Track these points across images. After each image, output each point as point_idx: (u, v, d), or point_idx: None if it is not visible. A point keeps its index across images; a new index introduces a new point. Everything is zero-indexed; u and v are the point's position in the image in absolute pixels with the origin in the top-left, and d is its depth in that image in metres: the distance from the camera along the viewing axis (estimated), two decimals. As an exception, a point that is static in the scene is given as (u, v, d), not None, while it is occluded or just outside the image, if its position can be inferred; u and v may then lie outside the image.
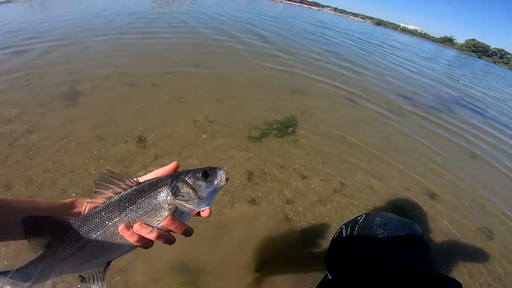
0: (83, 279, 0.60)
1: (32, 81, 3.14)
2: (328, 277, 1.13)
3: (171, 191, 0.59)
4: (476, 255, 2.02)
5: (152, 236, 0.57)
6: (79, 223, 0.57)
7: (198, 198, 0.60)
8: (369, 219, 1.01)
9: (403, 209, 2.26)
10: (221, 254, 1.63)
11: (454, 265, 1.88)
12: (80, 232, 0.57)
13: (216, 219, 1.82)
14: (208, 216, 0.62)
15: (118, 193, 0.60)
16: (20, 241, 0.56)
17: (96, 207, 0.59)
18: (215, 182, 0.63)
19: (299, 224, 1.89)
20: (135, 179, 0.62)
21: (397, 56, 12.16)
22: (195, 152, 2.32)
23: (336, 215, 2.01)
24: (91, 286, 0.60)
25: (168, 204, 0.59)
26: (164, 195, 0.59)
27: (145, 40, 5.46)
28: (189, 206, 0.60)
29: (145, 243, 0.58)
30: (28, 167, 1.91)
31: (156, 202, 0.59)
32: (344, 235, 1.05)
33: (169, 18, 8.56)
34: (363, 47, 11.70)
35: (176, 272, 1.49)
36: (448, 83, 8.60)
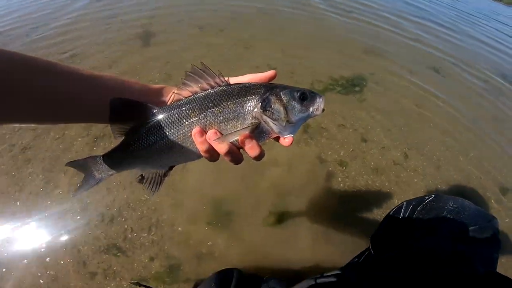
0: (141, 179, 0.59)
1: (112, 23, 3.39)
2: (371, 252, 1.06)
3: (261, 103, 0.52)
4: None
5: (222, 149, 0.51)
6: (159, 115, 0.54)
7: (287, 121, 0.52)
8: (439, 202, 0.86)
9: (467, 198, 2.00)
10: (254, 195, 1.67)
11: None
12: (156, 125, 0.54)
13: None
14: (288, 146, 0.55)
15: (205, 90, 0.54)
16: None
17: (180, 100, 0.55)
18: (311, 109, 0.54)
19: (346, 188, 1.80)
20: (226, 79, 0.55)
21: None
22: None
23: (390, 189, 1.86)
24: (146, 187, 0.59)
25: (253, 117, 0.52)
26: (252, 105, 0.52)
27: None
28: (273, 126, 0.52)
29: (212, 155, 0.53)
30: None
31: (241, 111, 0.52)
32: (403, 213, 0.93)
33: None
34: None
35: (207, 209, 1.59)
36: None
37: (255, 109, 0.52)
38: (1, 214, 1.54)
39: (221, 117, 0.52)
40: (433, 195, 0.90)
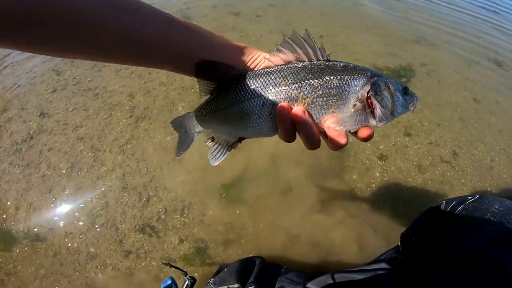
0: (211, 141, 0.57)
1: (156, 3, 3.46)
2: (400, 250, 0.98)
3: (371, 85, 0.46)
4: None
5: (306, 130, 0.45)
6: (242, 78, 0.50)
7: (391, 111, 0.48)
8: (483, 203, 0.76)
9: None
10: (287, 185, 1.65)
11: None
12: (235, 88, 0.50)
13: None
14: (365, 138, 0.48)
15: (300, 61, 0.48)
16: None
17: (270, 67, 0.50)
18: (409, 105, 0.51)
19: (383, 183, 1.70)
20: (327, 55, 0.50)
21: None
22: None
23: (433, 188, 1.71)
24: (210, 152, 0.56)
25: (357, 99, 0.46)
26: (359, 84, 0.46)
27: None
28: (379, 112, 0.47)
29: (290, 135, 0.47)
30: (147, 80, 2.25)
31: (346, 88, 0.46)
32: (441, 212, 0.84)
33: None
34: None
35: (236, 193, 1.62)
36: None
37: (362, 91, 0.46)
38: (52, 190, 1.69)
39: (320, 91, 0.45)
40: (477, 196, 0.80)
